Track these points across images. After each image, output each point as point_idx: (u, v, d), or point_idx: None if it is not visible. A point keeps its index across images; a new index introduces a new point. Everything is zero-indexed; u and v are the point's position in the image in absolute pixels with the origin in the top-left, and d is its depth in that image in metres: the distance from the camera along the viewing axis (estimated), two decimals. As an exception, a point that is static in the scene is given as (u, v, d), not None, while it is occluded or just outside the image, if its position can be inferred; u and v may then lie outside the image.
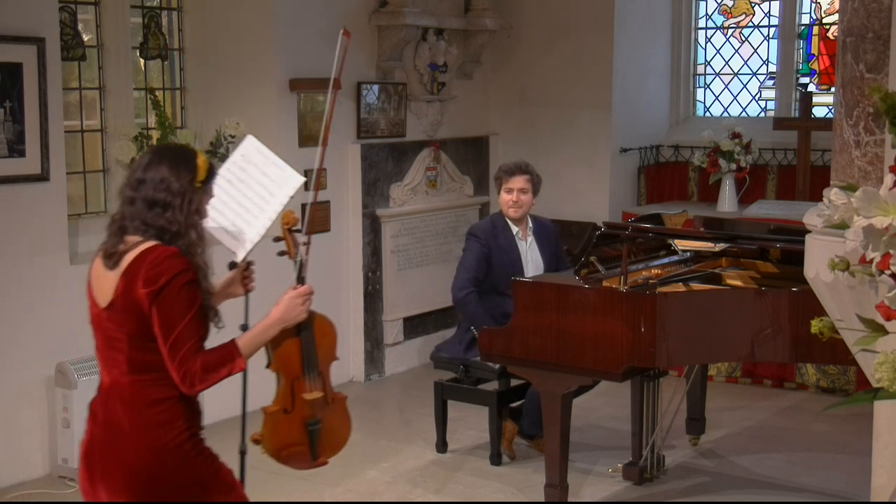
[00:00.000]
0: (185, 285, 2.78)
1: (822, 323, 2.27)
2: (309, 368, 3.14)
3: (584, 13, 7.35)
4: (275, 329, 3.00)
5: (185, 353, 2.77)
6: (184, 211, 2.85)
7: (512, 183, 5.35)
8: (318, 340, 3.16)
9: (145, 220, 2.85)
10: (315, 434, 3.17)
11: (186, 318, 2.77)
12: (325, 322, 3.21)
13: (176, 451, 2.84)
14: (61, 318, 5.22)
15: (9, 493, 4.99)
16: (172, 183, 2.85)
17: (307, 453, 3.19)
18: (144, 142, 5.79)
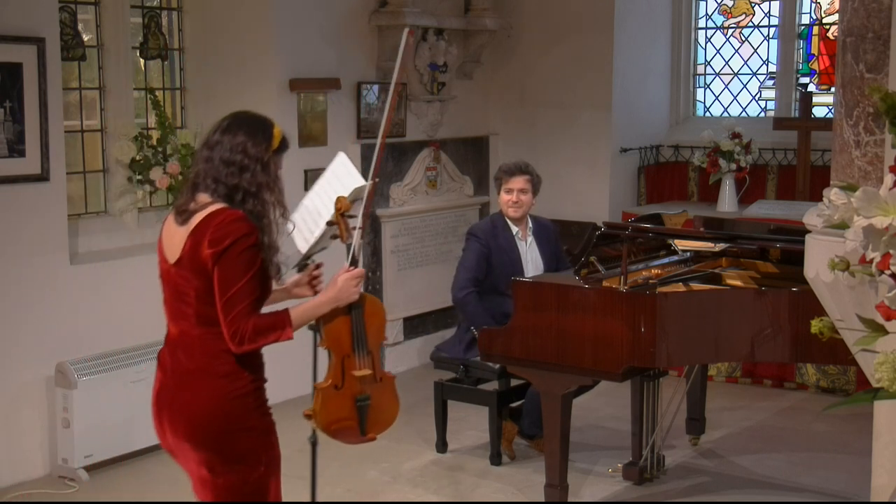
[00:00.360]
0: (247, 249, 2.93)
1: (822, 323, 2.27)
2: (359, 346, 3.25)
3: (584, 13, 7.35)
4: (327, 307, 3.15)
5: (238, 313, 2.93)
6: (257, 174, 3.02)
7: (512, 183, 5.35)
8: (367, 320, 3.27)
9: (218, 177, 3.01)
10: (364, 410, 3.28)
11: (244, 279, 2.93)
12: (375, 303, 3.34)
13: (238, 401, 3.01)
14: (61, 318, 5.23)
15: (9, 493, 4.99)
16: (249, 147, 3.03)
17: (356, 428, 3.30)
18: (144, 142, 5.80)
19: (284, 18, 6.19)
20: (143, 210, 5.98)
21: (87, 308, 5.35)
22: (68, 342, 5.23)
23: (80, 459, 5.11)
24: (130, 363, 5.34)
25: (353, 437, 3.34)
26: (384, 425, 3.37)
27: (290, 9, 6.22)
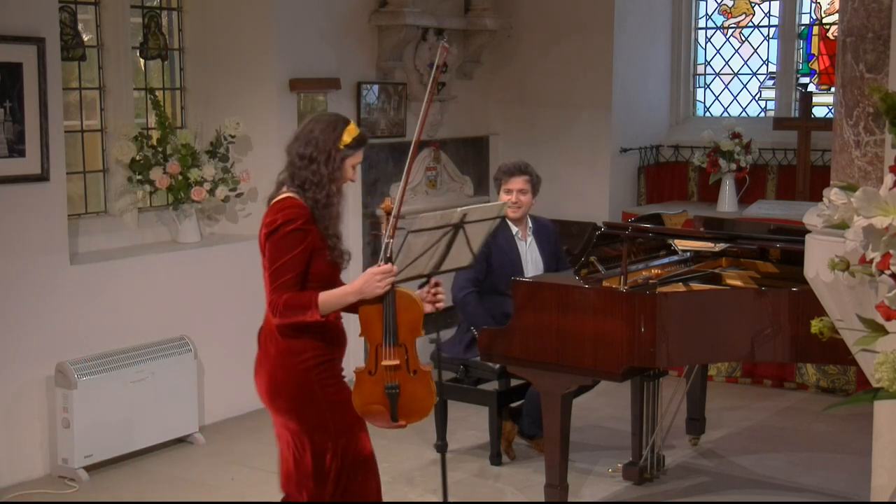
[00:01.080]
0: (292, 231, 3.29)
1: (822, 323, 2.27)
2: (388, 337, 3.39)
3: (584, 13, 7.35)
4: (353, 297, 3.35)
5: (277, 286, 3.29)
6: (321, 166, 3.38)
7: (511, 184, 5.35)
8: (399, 314, 3.41)
9: (293, 170, 3.41)
10: (394, 398, 3.41)
11: (286, 257, 3.28)
12: (409, 298, 3.44)
13: (301, 374, 3.38)
14: (61, 318, 5.22)
15: (9, 493, 4.99)
16: (319, 141, 3.40)
17: (387, 414, 3.43)
18: (144, 142, 5.80)
19: (284, 18, 6.19)
20: (143, 210, 5.98)
21: (87, 308, 5.34)
22: (68, 342, 5.23)
23: (80, 459, 5.11)
24: (130, 363, 5.34)
25: (384, 421, 3.47)
26: (417, 415, 3.47)
27: (290, 9, 6.21)
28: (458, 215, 3.69)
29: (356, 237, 6.74)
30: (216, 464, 5.38)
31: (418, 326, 3.42)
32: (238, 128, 6.00)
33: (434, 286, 3.60)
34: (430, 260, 3.69)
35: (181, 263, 5.80)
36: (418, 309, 3.43)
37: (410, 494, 5.00)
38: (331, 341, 3.47)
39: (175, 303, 5.73)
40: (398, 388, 3.40)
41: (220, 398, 5.92)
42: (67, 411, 5.09)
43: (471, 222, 3.75)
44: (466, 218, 3.72)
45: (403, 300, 3.41)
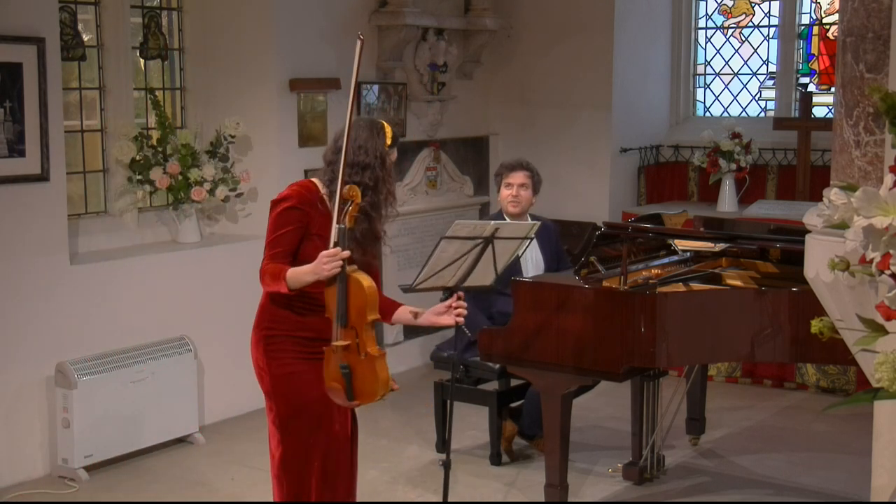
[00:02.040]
0: (289, 209, 3.51)
1: (822, 323, 2.27)
2: (340, 319, 3.44)
3: (584, 13, 7.35)
4: (309, 277, 3.43)
5: (267, 256, 3.52)
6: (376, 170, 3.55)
7: (512, 178, 5.34)
8: (349, 298, 3.43)
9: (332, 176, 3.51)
10: (347, 377, 3.46)
11: (279, 231, 3.50)
12: (360, 284, 3.45)
13: (259, 344, 3.63)
14: (61, 318, 5.22)
15: (9, 493, 4.99)
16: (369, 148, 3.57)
17: (343, 392, 3.49)
18: (144, 142, 5.80)
19: (284, 18, 6.19)
20: (143, 210, 5.98)
21: (87, 308, 5.34)
22: (68, 342, 5.23)
23: (80, 459, 5.11)
24: (130, 363, 5.34)
25: (341, 399, 3.54)
26: (367, 398, 3.51)
27: (290, 9, 6.21)
28: (490, 228, 3.76)
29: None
30: (216, 464, 5.38)
31: (370, 309, 3.44)
32: (238, 128, 6.00)
33: (457, 299, 3.67)
34: (457, 272, 3.78)
35: (181, 263, 5.80)
36: (364, 294, 3.44)
37: (410, 494, 5.00)
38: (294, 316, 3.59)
39: (175, 303, 5.73)
40: (348, 368, 3.45)
41: (220, 398, 5.92)
42: (67, 411, 5.09)
43: (501, 238, 3.80)
44: (498, 233, 3.77)
45: (353, 285, 3.43)
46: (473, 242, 3.73)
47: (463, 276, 3.80)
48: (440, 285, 3.79)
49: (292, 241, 3.51)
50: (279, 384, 3.62)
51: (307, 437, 3.63)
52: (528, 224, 4.02)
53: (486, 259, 3.82)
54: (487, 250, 3.79)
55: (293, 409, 3.62)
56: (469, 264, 3.79)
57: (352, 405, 3.56)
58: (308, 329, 3.59)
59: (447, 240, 3.64)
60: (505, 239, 3.85)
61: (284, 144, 6.23)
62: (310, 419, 3.62)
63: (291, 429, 3.64)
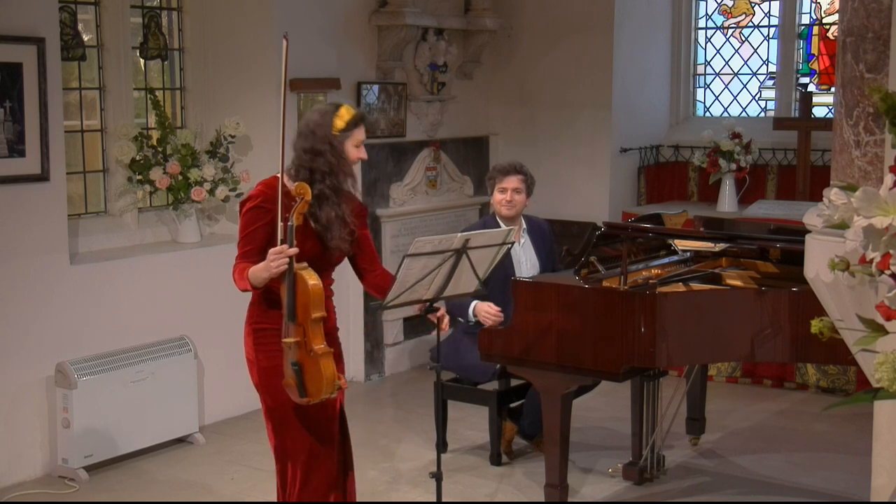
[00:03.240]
0: (253, 208, 3.62)
1: (822, 323, 2.27)
2: (289, 315, 3.51)
3: (584, 13, 7.35)
4: (262, 273, 3.51)
5: (238, 255, 3.63)
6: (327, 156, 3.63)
7: (506, 182, 5.33)
8: (297, 295, 3.50)
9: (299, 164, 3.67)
10: (298, 374, 3.52)
11: (246, 231, 3.63)
12: (305, 281, 3.51)
13: (249, 337, 3.73)
14: (61, 318, 5.23)
15: (9, 493, 4.99)
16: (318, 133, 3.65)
17: (296, 389, 3.55)
18: (144, 142, 5.80)
19: (284, 18, 6.19)
20: (143, 210, 5.98)
21: (87, 308, 5.35)
22: (68, 342, 5.23)
23: (80, 459, 5.11)
24: (130, 363, 5.34)
25: (295, 396, 3.58)
26: (316, 395, 3.55)
27: (290, 9, 6.21)
28: (459, 241, 3.74)
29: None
30: (216, 464, 5.38)
31: (315, 308, 3.48)
32: (238, 128, 6.00)
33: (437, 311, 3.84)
34: (431, 285, 3.75)
35: (181, 263, 5.80)
36: (309, 292, 3.49)
37: (410, 494, 5.00)
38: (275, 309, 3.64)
39: (175, 303, 5.73)
40: (298, 365, 3.50)
41: (220, 398, 5.92)
42: (67, 411, 5.09)
43: (474, 248, 3.79)
44: (469, 244, 3.76)
45: (300, 282, 3.49)
46: (441, 257, 3.73)
47: (440, 288, 3.81)
48: (416, 299, 3.80)
49: (259, 238, 3.59)
50: (265, 376, 3.68)
51: (291, 429, 3.69)
52: (503, 231, 4.02)
53: (463, 269, 3.82)
54: (462, 261, 3.80)
55: (278, 402, 3.68)
56: (443, 276, 3.79)
57: (302, 402, 3.58)
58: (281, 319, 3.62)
59: (410, 258, 3.65)
60: (479, 248, 3.85)
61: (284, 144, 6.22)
62: (294, 412, 3.67)
63: (276, 420, 3.72)
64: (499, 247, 3.94)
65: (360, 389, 6.70)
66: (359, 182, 6.57)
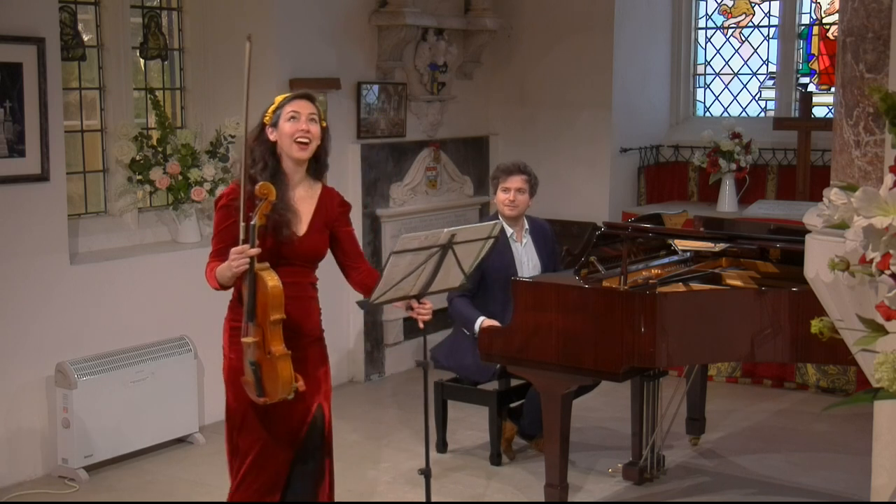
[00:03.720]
0: (220, 208, 3.64)
1: (822, 323, 2.27)
2: (248, 316, 3.47)
3: (584, 13, 7.35)
4: (226, 272, 3.50)
5: (211, 253, 3.64)
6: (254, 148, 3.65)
7: (509, 182, 5.33)
8: (256, 295, 3.46)
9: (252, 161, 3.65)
10: (256, 373, 3.49)
11: (218, 228, 3.64)
12: (265, 282, 3.47)
13: (224, 333, 3.72)
14: (61, 318, 5.22)
15: (9, 493, 4.99)
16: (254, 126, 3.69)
17: (253, 388, 3.51)
18: (144, 142, 5.80)
19: (284, 18, 6.19)
20: (143, 210, 5.98)
21: (87, 308, 5.34)
22: (68, 342, 5.23)
23: (80, 459, 5.11)
24: (130, 363, 5.34)
25: (252, 395, 3.55)
26: (271, 396, 3.51)
27: (290, 9, 6.22)
28: (445, 236, 3.70)
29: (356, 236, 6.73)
30: (216, 464, 5.37)
31: (268, 310, 3.44)
32: (238, 128, 6.00)
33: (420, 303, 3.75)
34: (417, 281, 3.72)
35: (181, 263, 5.79)
36: (267, 293, 3.45)
37: (410, 494, 5.00)
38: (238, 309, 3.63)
39: (175, 303, 5.73)
40: (256, 365, 3.47)
41: (220, 398, 5.87)
42: (67, 411, 5.09)
43: (460, 243, 3.76)
44: (455, 238, 3.73)
45: (260, 283, 3.45)
46: (428, 252, 3.68)
47: (426, 284, 3.76)
48: (402, 296, 3.76)
49: (230, 236, 3.55)
50: (233, 373, 3.65)
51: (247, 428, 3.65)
52: (489, 225, 3.95)
53: (449, 264, 3.78)
54: (448, 256, 3.75)
55: (240, 400, 3.64)
56: (430, 272, 3.74)
57: (261, 402, 3.54)
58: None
59: (397, 254, 3.60)
60: (465, 243, 3.80)
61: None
62: (253, 412, 3.62)
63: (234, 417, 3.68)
64: (484, 241, 3.89)
65: (360, 389, 6.70)
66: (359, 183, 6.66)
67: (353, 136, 6.67)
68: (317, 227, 3.69)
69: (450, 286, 3.91)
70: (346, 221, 3.82)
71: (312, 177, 3.74)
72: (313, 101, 3.77)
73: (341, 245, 3.80)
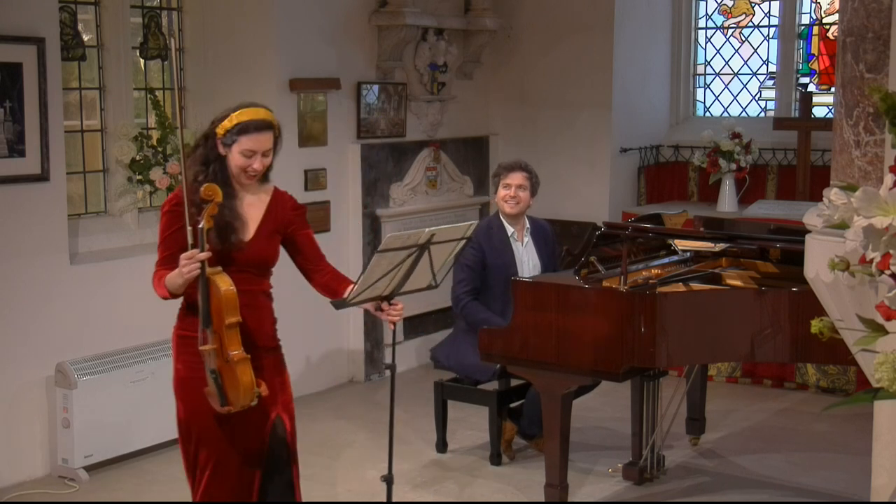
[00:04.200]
0: (164, 214, 3.55)
1: (822, 323, 2.27)
2: (204, 321, 3.40)
3: (584, 13, 7.35)
4: (177, 280, 3.43)
5: (157, 261, 3.58)
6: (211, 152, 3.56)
7: (510, 179, 5.33)
8: (211, 300, 3.40)
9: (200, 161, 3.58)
10: (217, 382, 3.41)
11: (164, 235, 3.55)
12: (218, 286, 3.40)
13: (172, 342, 3.64)
14: (61, 318, 5.22)
15: (9, 493, 4.99)
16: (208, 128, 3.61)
17: (217, 397, 3.43)
18: (144, 142, 5.79)
19: (284, 18, 6.19)
20: (143, 210, 5.98)
21: (87, 308, 5.34)
22: (68, 342, 5.23)
23: (80, 459, 5.11)
24: (130, 363, 5.34)
25: (216, 405, 3.45)
26: (235, 403, 3.42)
27: (290, 9, 6.21)
28: (425, 235, 3.67)
29: (356, 237, 6.74)
30: (216, 464, 5.37)
31: (223, 314, 3.37)
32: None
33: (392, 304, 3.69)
34: (391, 282, 3.68)
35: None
36: (221, 297, 3.38)
37: (410, 494, 5.00)
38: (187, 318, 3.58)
39: (175, 303, 5.68)
40: (216, 373, 3.39)
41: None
42: (67, 411, 5.09)
43: (437, 243, 3.74)
44: (434, 238, 3.71)
45: (213, 287, 3.39)
46: (407, 251, 3.64)
47: (398, 285, 3.74)
48: (375, 296, 3.74)
49: (176, 242, 3.46)
50: (183, 386, 3.55)
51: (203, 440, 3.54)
52: (464, 225, 3.90)
53: (423, 264, 3.75)
54: (424, 256, 3.72)
55: (190, 412, 3.54)
56: (404, 272, 3.71)
57: (224, 411, 3.44)
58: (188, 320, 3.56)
59: (380, 253, 3.55)
60: (442, 243, 3.76)
61: (284, 144, 6.15)
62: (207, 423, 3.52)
63: (187, 431, 3.58)
64: (457, 242, 3.84)
65: (360, 389, 6.70)
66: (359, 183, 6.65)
67: (353, 136, 6.67)
68: (265, 232, 3.58)
69: (418, 287, 3.87)
70: (302, 224, 3.70)
71: (259, 181, 3.62)
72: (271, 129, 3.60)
73: (300, 249, 3.69)
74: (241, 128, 3.51)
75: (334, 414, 6.17)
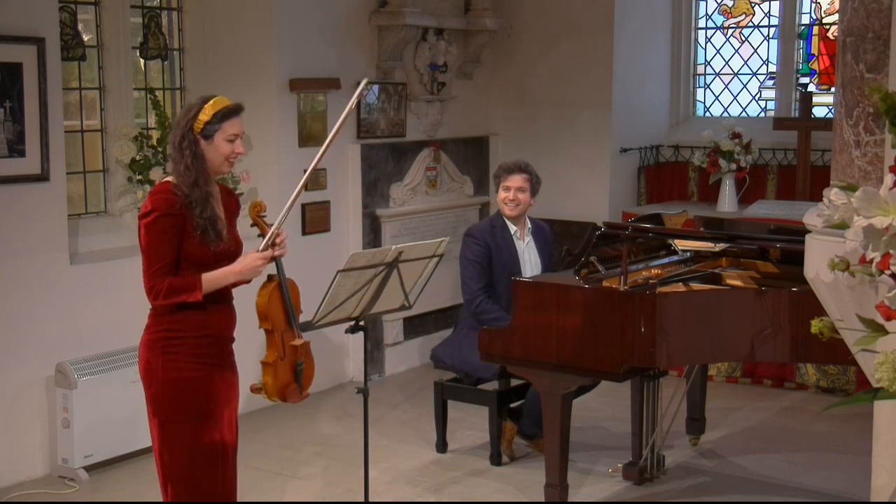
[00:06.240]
0: (157, 218, 3.33)
1: (822, 323, 2.27)
2: (292, 319, 3.57)
3: (584, 13, 7.36)
4: (232, 278, 3.43)
5: (153, 272, 3.35)
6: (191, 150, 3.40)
7: (510, 181, 5.34)
8: (292, 297, 3.60)
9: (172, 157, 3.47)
10: (300, 373, 3.66)
11: (155, 244, 3.34)
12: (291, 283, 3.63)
13: (154, 346, 3.44)
14: (61, 318, 5.22)
15: (9, 493, 4.99)
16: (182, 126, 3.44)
17: (297, 389, 3.67)
18: (144, 142, 5.80)
19: (284, 18, 6.19)
20: (143, 210, 5.98)
21: (87, 308, 5.34)
22: (68, 342, 5.23)
23: (80, 459, 5.11)
24: (130, 363, 5.32)
25: (297, 397, 3.70)
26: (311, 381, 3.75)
27: (290, 9, 6.22)
28: (392, 254, 3.67)
29: (356, 237, 6.74)
30: (216, 464, 5.37)
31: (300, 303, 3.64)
32: (238, 128, 5.99)
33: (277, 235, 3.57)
34: (359, 303, 3.69)
35: (181, 263, 5.79)
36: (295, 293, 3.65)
37: (410, 494, 5.00)
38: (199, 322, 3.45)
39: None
40: (302, 363, 3.64)
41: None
42: (67, 411, 5.09)
43: (406, 261, 3.73)
44: (402, 256, 3.70)
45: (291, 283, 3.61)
46: (374, 271, 3.64)
47: (367, 305, 3.73)
48: (343, 318, 3.72)
49: (171, 250, 3.36)
50: (170, 388, 3.45)
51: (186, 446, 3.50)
52: (436, 242, 3.89)
53: (394, 283, 3.76)
54: (392, 275, 3.71)
55: (176, 416, 3.48)
56: (372, 292, 3.70)
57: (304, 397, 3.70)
58: (211, 327, 3.47)
59: (344, 273, 3.56)
60: (411, 261, 3.76)
61: (284, 144, 6.23)
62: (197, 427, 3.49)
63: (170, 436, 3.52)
64: (429, 259, 3.86)
65: (360, 389, 6.69)
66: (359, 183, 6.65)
67: (353, 136, 6.67)
68: (231, 223, 3.60)
69: (390, 307, 3.89)
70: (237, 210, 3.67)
71: None
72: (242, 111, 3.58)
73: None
74: (222, 114, 3.46)
75: (334, 414, 6.16)
